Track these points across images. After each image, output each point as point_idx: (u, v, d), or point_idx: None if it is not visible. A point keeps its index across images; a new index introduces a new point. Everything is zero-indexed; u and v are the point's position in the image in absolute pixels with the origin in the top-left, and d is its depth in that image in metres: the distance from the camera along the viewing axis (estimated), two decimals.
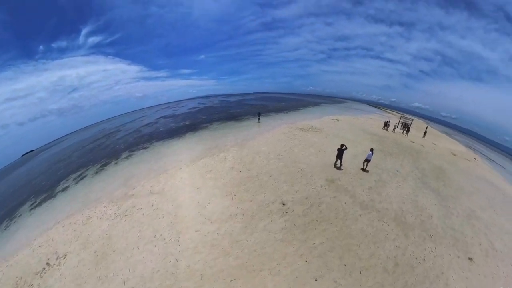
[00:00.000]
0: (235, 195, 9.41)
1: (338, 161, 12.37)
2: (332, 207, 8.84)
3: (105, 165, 16.41)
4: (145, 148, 18.68)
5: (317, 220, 7.98)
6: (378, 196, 10.60)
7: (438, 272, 7.13)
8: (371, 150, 13.27)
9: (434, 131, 65.05)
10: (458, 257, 8.43)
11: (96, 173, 15.32)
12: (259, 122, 26.22)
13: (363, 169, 13.11)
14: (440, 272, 7.20)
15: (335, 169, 12.67)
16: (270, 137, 18.12)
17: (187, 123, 29.70)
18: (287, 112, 39.84)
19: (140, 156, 16.52)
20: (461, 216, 12.12)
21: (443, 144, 40.72)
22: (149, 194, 10.01)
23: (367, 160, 12.99)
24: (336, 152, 12.33)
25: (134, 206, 9.33)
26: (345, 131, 24.71)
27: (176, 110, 59.45)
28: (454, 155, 31.15)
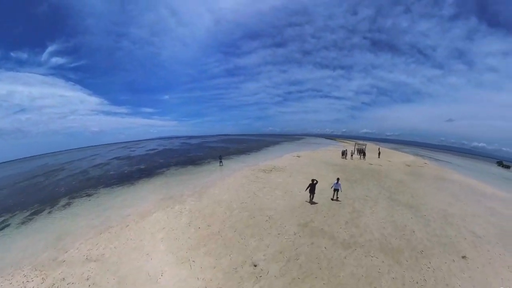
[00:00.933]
0: (193, 261, 8.27)
1: (311, 195, 13.63)
2: (312, 257, 8.60)
3: (36, 213, 14.98)
4: (89, 195, 17.85)
5: (299, 278, 7.47)
6: (357, 229, 11.05)
7: (443, 286, 7.47)
8: (337, 179, 14.95)
9: (385, 150, 79.96)
10: (453, 260, 9.20)
11: (22, 223, 13.47)
12: (221, 165, 27.26)
13: (334, 199, 14.57)
14: (445, 285, 7.55)
15: (307, 207, 13.00)
16: (231, 182, 18.19)
17: (142, 167, 29.44)
18: (248, 154, 42.05)
19: (81, 206, 15.56)
20: (438, 219, 13.17)
21: (396, 158, 49.72)
22: (84, 261, 8.78)
23: (336, 190, 14.58)
24: (308, 187, 13.68)
25: (64, 279, 7.82)
26: (307, 166, 26.78)
27: (133, 151, 57.01)
28: (408, 165, 38.40)
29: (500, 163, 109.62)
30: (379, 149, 57.56)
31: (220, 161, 28.59)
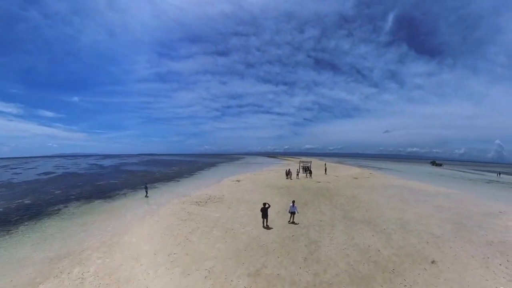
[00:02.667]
0: None
1: (264, 220, 15.99)
2: None
3: None
4: None
5: None
6: (319, 264, 11.16)
7: None
8: (293, 202, 17.10)
9: (331, 165, 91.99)
10: (425, 269, 10.65)
11: None
12: (146, 196, 27.25)
13: (291, 222, 16.68)
14: None
15: (254, 248, 13.19)
16: (155, 224, 17.48)
17: (27, 201, 26.88)
18: (178, 180, 42.74)
19: None
20: (397, 230, 15.84)
21: (343, 172, 57.35)
22: None
23: (292, 213, 16.57)
24: (261, 212, 16.07)
25: None
26: (250, 192, 28.06)
27: (18, 174, 52.11)
28: (356, 178, 45.67)
29: (433, 163, 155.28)
30: (325, 164, 65.48)
31: (146, 191, 28.29)
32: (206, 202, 23.71)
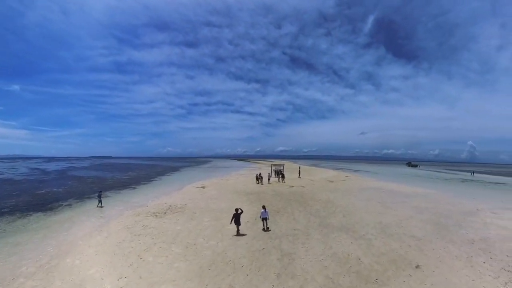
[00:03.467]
0: None
1: (237, 227, 16.46)
2: None
3: None
4: None
5: None
6: (295, 280, 11.21)
7: None
8: (264, 207, 17.48)
9: (305, 168, 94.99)
10: (410, 275, 11.01)
11: None
12: (100, 206, 27.08)
13: (264, 229, 17.25)
14: None
15: (220, 265, 12.91)
16: (103, 241, 16.70)
17: None
18: (134, 188, 42.12)
19: None
20: (378, 235, 16.21)
21: (318, 176, 59.37)
22: None
23: (265, 219, 17.04)
24: (233, 219, 16.48)
25: None
26: (216, 200, 28.11)
27: None
28: (331, 181, 47.43)
29: (409, 164, 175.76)
30: (299, 168, 67.07)
31: (99, 200, 27.73)
32: (165, 212, 23.23)
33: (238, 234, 16.35)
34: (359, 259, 12.62)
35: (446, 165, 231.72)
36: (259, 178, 43.57)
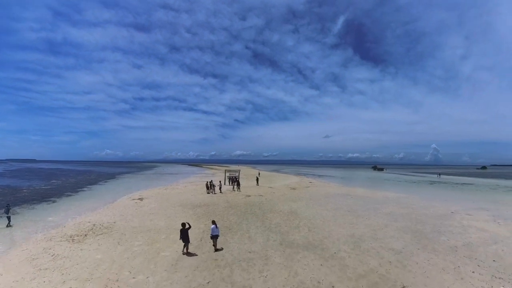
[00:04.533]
0: None
1: (186, 245, 16.02)
2: None
3: None
4: None
5: None
6: None
7: None
8: (214, 223, 17.06)
9: (264, 174, 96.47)
10: None
11: None
12: (9, 226, 25.36)
13: (219, 248, 16.58)
14: None
15: None
16: None
17: None
18: (55, 201, 39.93)
19: None
20: (351, 252, 15.54)
21: (279, 182, 61.06)
22: None
23: (215, 236, 16.51)
24: (180, 236, 16.13)
25: None
26: (154, 216, 26.81)
27: None
28: (294, 188, 47.96)
29: (375, 167, 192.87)
30: (258, 174, 66.59)
31: (8, 218, 25.74)
32: (85, 235, 21.06)
33: (187, 253, 15.97)
34: (333, 287, 11.68)
35: (412, 168, 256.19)
36: (210, 187, 42.26)
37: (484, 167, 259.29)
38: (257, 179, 56.08)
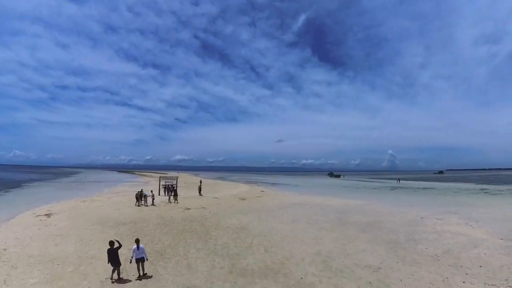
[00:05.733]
0: None
1: (116, 270, 14.54)
2: None
3: None
4: None
5: None
6: None
7: None
8: (137, 242, 15.44)
9: (208, 182, 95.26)
10: None
11: None
12: None
13: (143, 275, 14.94)
14: None
15: None
16: None
17: None
18: None
19: None
20: (321, 275, 14.18)
21: (225, 192, 59.68)
22: None
23: (140, 260, 15.01)
24: (108, 258, 14.52)
25: None
26: (62, 238, 23.43)
27: None
28: (243, 199, 46.56)
29: (331, 174, 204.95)
30: (200, 182, 64.36)
31: None
32: None
33: (118, 279, 14.42)
34: None
35: (369, 174, 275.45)
36: (141, 198, 39.38)
37: (441, 172, 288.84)
38: (200, 188, 53.57)
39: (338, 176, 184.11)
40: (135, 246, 15.25)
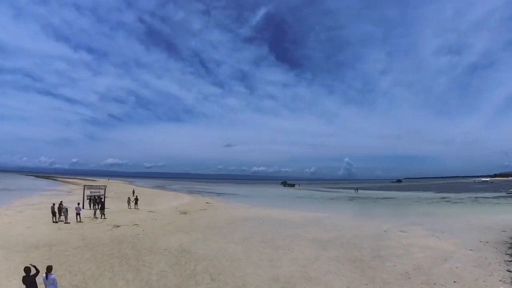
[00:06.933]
0: None
1: None
2: None
3: None
4: None
5: None
6: None
7: None
8: (48, 270, 13.94)
9: (145, 191, 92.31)
10: None
11: None
12: None
13: None
14: None
15: None
16: None
17: None
18: None
19: None
20: None
21: (164, 204, 57.65)
22: None
23: None
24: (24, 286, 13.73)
25: None
26: None
27: None
28: (185, 213, 44.67)
29: (284, 183, 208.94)
30: (133, 192, 61.00)
31: None
32: None
33: None
34: None
35: (325, 183, 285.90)
36: (58, 213, 34.89)
37: (399, 180, 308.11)
38: (135, 199, 49.84)
39: (293, 185, 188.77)
40: (44, 275, 13.48)
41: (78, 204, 39.27)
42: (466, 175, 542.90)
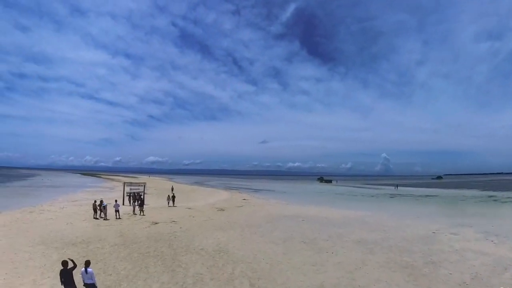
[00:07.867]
0: None
1: None
2: None
3: None
4: None
5: None
6: None
7: None
8: (87, 264, 14.36)
9: (183, 188, 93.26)
10: None
11: None
12: None
13: None
14: None
15: None
16: None
17: None
18: None
19: None
20: None
21: (202, 200, 57.24)
22: None
23: (89, 286, 14.24)
24: (61, 281, 14.06)
25: None
26: None
27: None
28: (222, 210, 44.18)
29: (321, 179, 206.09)
30: (172, 189, 61.67)
31: None
32: None
33: None
34: None
35: (363, 179, 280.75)
36: (99, 208, 36.05)
37: (439, 177, 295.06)
38: (173, 197, 49.95)
39: (330, 181, 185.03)
40: (83, 269, 13.89)
41: (116, 201, 39.53)
42: (511, 171, 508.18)
